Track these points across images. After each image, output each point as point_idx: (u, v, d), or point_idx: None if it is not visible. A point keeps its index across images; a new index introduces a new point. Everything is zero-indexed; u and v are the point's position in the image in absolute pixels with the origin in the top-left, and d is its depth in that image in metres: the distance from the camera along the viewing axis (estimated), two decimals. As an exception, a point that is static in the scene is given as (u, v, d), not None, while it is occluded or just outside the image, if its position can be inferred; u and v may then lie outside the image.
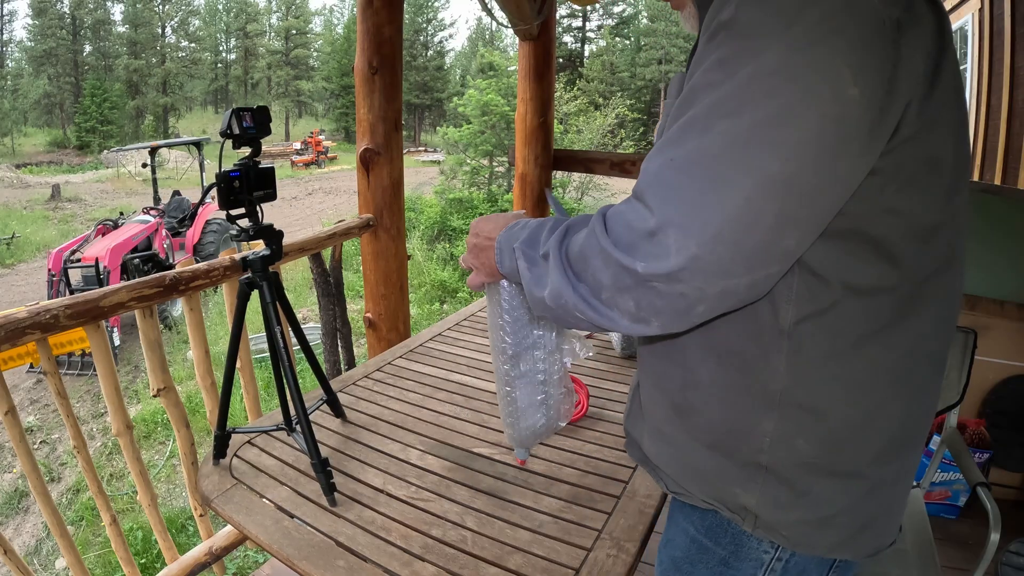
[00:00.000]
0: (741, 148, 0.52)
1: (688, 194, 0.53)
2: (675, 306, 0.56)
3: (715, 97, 0.54)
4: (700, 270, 0.53)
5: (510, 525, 1.02)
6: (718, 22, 0.55)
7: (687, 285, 0.54)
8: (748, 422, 0.67)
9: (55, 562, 3.83)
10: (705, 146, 0.53)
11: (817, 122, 0.51)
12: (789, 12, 0.52)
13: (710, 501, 0.73)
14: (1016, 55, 3.03)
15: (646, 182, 0.57)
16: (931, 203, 0.60)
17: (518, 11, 2.66)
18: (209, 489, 1.14)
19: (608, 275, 0.58)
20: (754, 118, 0.52)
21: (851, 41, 0.51)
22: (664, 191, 0.55)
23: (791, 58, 0.51)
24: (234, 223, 1.11)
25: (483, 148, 11.56)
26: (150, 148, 8.91)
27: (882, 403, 0.65)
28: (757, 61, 0.52)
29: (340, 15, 44.75)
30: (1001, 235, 2.08)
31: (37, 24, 31.53)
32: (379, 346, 2.39)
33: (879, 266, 0.61)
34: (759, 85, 0.52)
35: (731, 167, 0.52)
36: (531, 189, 3.09)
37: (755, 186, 0.52)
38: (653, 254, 0.54)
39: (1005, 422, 2.17)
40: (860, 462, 0.66)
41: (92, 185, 19.05)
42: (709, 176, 0.53)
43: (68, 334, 4.45)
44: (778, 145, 0.51)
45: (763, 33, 0.52)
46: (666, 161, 0.55)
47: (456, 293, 9.19)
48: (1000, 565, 1.72)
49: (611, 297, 0.58)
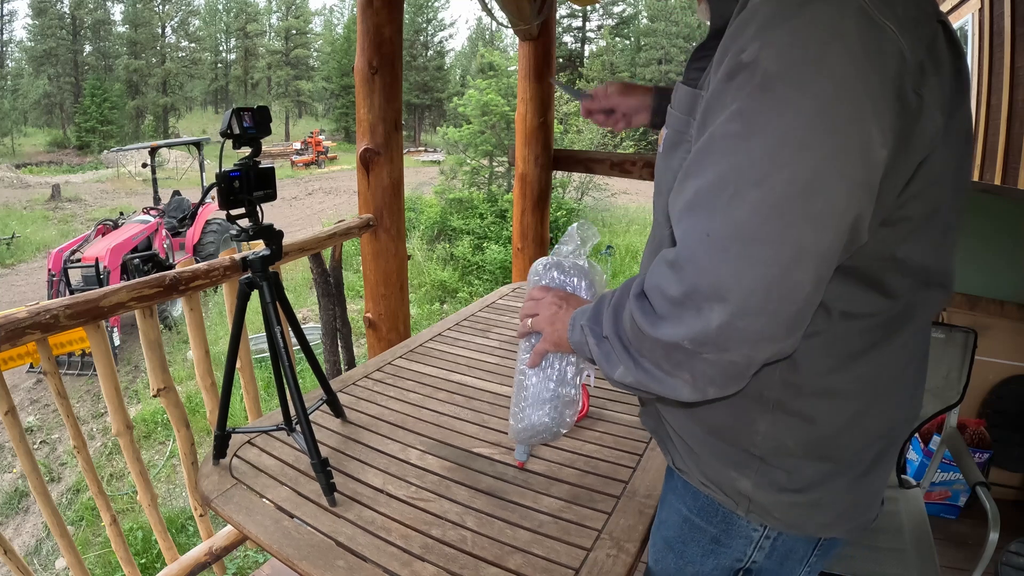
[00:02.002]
0: (776, 220, 0.51)
1: (726, 266, 0.53)
2: (728, 373, 0.57)
3: (742, 158, 0.52)
4: (747, 340, 0.54)
5: (510, 525, 1.02)
6: (739, 61, 0.52)
7: (735, 353, 0.55)
8: (744, 420, 0.70)
9: (55, 562, 3.83)
10: (739, 219, 0.52)
11: (848, 189, 0.51)
12: (815, 60, 0.49)
13: (707, 484, 0.76)
14: (1016, 55, 3.03)
15: (682, 253, 0.56)
16: (928, 248, 0.62)
17: (518, 11, 2.66)
18: (209, 489, 1.14)
19: (659, 353, 0.59)
20: (787, 187, 0.50)
21: (879, 95, 0.49)
22: (703, 265, 0.54)
23: (820, 119, 0.49)
24: (234, 223, 1.11)
25: (483, 148, 11.55)
26: (150, 148, 8.91)
27: (868, 409, 0.68)
28: (784, 120, 0.50)
29: (340, 15, 44.74)
30: (1001, 235, 2.08)
31: (37, 24, 31.52)
32: (379, 346, 2.39)
33: (875, 298, 0.63)
34: (789, 150, 0.50)
35: (767, 241, 0.51)
36: (531, 189, 3.09)
37: (792, 258, 0.51)
38: (695, 325, 0.55)
39: (1005, 422, 2.17)
40: (845, 455, 0.70)
41: (92, 185, 19.04)
42: (746, 251, 0.52)
43: (68, 334, 4.46)
44: (812, 216, 0.51)
45: (789, 89, 0.49)
46: (700, 232, 0.54)
47: (456, 293, 9.19)
48: (1000, 565, 1.72)
49: (670, 370, 0.60)
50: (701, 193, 0.55)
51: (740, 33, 0.53)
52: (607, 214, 13.20)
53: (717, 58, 0.57)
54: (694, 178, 0.56)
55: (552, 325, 0.85)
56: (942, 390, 1.62)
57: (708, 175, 0.54)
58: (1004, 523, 1.34)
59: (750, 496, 0.72)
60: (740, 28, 0.53)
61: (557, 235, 10.46)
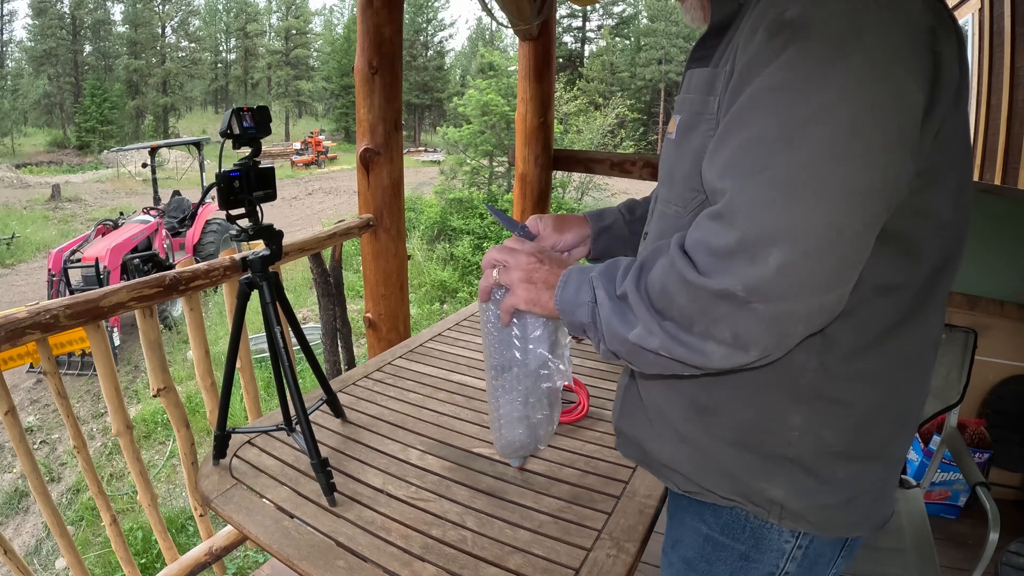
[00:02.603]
0: (828, 160, 0.52)
1: (781, 209, 0.52)
2: (775, 329, 0.55)
3: (792, 105, 0.53)
4: (798, 284, 0.53)
5: (510, 525, 1.02)
6: (781, 20, 0.55)
7: (785, 302, 0.54)
8: (776, 417, 0.68)
9: (55, 562, 3.84)
10: (793, 160, 0.52)
11: (895, 130, 0.52)
12: (856, 14, 0.52)
13: (732, 497, 0.73)
14: (1016, 55, 3.03)
15: (736, 202, 0.55)
16: (948, 201, 0.63)
17: (518, 11, 2.66)
18: (209, 489, 1.14)
19: (698, 307, 0.57)
20: (835, 128, 0.51)
21: (911, 45, 0.53)
22: (756, 208, 0.54)
23: (864, 65, 0.51)
24: (234, 223, 1.11)
25: (483, 148, 11.56)
26: (150, 148, 8.91)
27: (897, 390, 0.68)
28: (832, 68, 0.52)
29: (340, 15, 44.75)
30: (1001, 235, 2.08)
31: (37, 24, 31.53)
32: (379, 346, 2.39)
33: (904, 264, 0.63)
34: (835, 93, 0.52)
35: (820, 181, 0.52)
36: (531, 189, 3.09)
37: (844, 197, 0.52)
38: (750, 272, 0.53)
39: (1005, 422, 2.17)
40: (878, 445, 0.69)
41: (92, 185, 19.05)
42: (800, 190, 0.52)
43: (68, 334, 4.46)
44: (859, 156, 0.52)
45: (834, 37, 0.52)
46: (752, 178, 0.54)
47: (456, 293, 9.19)
48: (1000, 565, 1.72)
49: (705, 329, 0.57)
50: (750, 143, 0.55)
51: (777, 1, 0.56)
52: (607, 214, 13.19)
53: (750, 27, 0.59)
54: (737, 133, 0.56)
55: (529, 281, 0.76)
56: (942, 390, 1.62)
57: (755, 126, 0.55)
58: (1004, 523, 1.34)
59: (782, 503, 0.70)
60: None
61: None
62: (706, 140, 0.64)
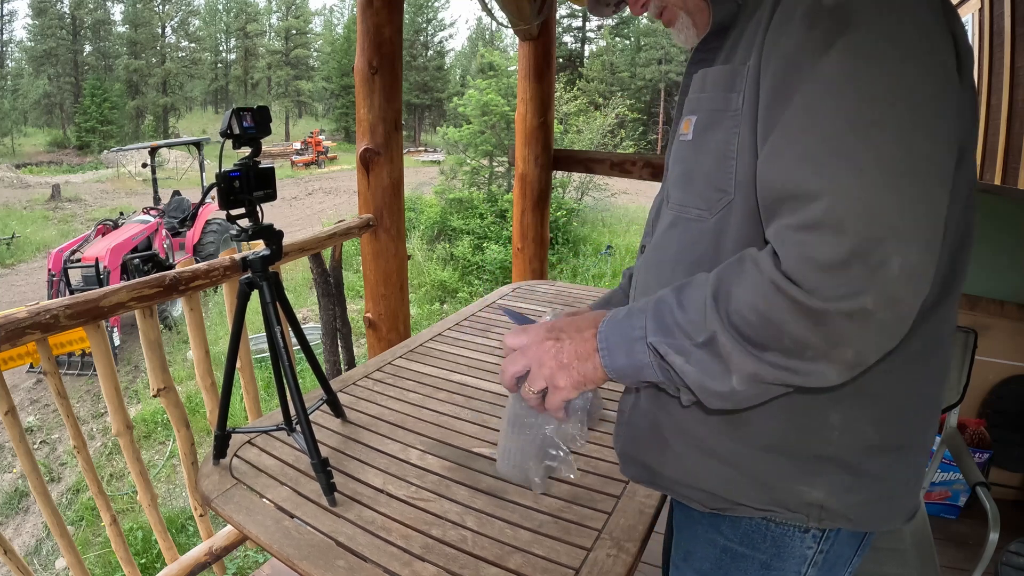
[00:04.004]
0: (919, 144, 0.50)
1: (891, 204, 0.49)
2: (896, 336, 0.53)
3: (866, 92, 0.51)
4: (919, 282, 0.50)
5: (510, 525, 1.02)
6: (820, 8, 0.54)
7: (908, 304, 0.50)
8: (816, 418, 0.65)
9: (55, 562, 3.84)
10: (887, 150, 0.50)
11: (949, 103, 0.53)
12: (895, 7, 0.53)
13: (767, 508, 0.70)
14: (1016, 55, 3.03)
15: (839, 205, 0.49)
16: (966, 179, 0.62)
17: (518, 11, 2.66)
18: (209, 489, 1.14)
19: (820, 333, 0.51)
20: (915, 111, 0.51)
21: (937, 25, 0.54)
22: (864, 208, 0.49)
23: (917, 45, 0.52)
24: (234, 223, 1.11)
25: (483, 148, 11.55)
26: (150, 148, 8.92)
27: (923, 377, 0.67)
28: (891, 50, 0.52)
29: (340, 15, 44.74)
30: (1001, 235, 2.08)
31: (37, 24, 31.53)
32: (379, 346, 2.39)
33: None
34: (904, 75, 0.51)
35: (918, 167, 0.50)
36: (531, 189, 3.10)
37: (937, 180, 0.51)
38: (875, 281, 0.49)
39: (1005, 422, 2.17)
40: (909, 434, 0.69)
41: (92, 185, 19.05)
42: (903, 181, 0.49)
43: (68, 334, 4.46)
44: (938, 136, 0.51)
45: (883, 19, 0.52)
46: (851, 175, 0.50)
47: (456, 293, 9.19)
48: (1000, 565, 1.72)
49: (824, 352, 0.52)
50: (828, 141, 0.51)
51: None
52: (607, 214, 13.20)
53: (779, 19, 0.57)
54: (811, 129, 0.52)
55: (562, 366, 0.66)
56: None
57: (829, 122, 0.51)
58: (1004, 523, 1.34)
59: (823, 504, 0.68)
60: None
61: (557, 235, 10.49)
62: (731, 137, 0.63)
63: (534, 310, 2.08)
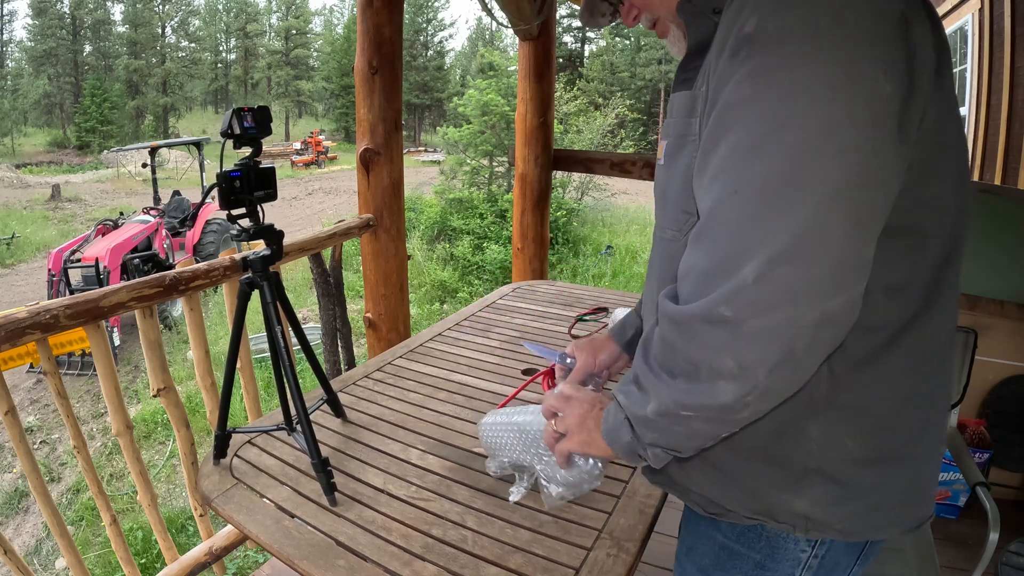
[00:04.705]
0: (799, 166, 0.51)
1: (756, 220, 0.52)
2: (776, 345, 0.53)
3: (758, 116, 0.53)
4: (786, 292, 0.51)
5: (510, 525, 1.02)
6: (741, 36, 0.55)
7: (777, 313, 0.52)
8: (794, 430, 0.67)
9: (55, 562, 3.84)
10: (763, 170, 0.52)
11: (866, 125, 0.52)
12: (813, 18, 0.52)
13: (755, 516, 0.72)
14: (1016, 55, 3.03)
15: (710, 223, 0.55)
16: (945, 188, 0.62)
17: (518, 11, 2.66)
18: (209, 489, 1.14)
19: (695, 344, 0.55)
20: (804, 133, 0.51)
21: (875, 39, 0.52)
22: (732, 224, 0.53)
23: (826, 66, 0.51)
24: (235, 223, 1.11)
25: (483, 148, 11.55)
26: (150, 148, 8.92)
27: (916, 388, 0.67)
28: (794, 73, 0.52)
29: (340, 15, 44.75)
30: (1001, 235, 2.08)
31: (37, 24, 31.54)
32: (379, 346, 2.39)
33: (911, 260, 0.62)
34: (801, 98, 0.52)
35: (794, 187, 0.51)
36: (531, 189, 3.10)
37: (821, 201, 0.51)
38: (730, 287, 0.52)
39: (1005, 422, 2.17)
40: (901, 446, 0.68)
41: (92, 185, 19.05)
42: (775, 199, 0.52)
43: (68, 334, 4.45)
44: (833, 156, 0.51)
45: (793, 43, 0.52)
46: (726, 195, 0.54)
47: (456, 293, 9.19)
48: (1000, 565, 1.72)
49: (710, 367, 0.55)
50: (721, 161, 0.55)
51: (737, 15, 0.56)
52: (607, 214, 13.20)
53: (716, 47, 0.59)
54: (713, 152, 0.57)
55: (583, 425, 0.77)
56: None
57: (726, 143, 0.55)
58: (1004, 523, 1.34)
59: (808, 515, 0.69)
60: (736, 12, 0.56)
61: (557, 235, 10.49)
62: (692, 161, 0.65)
63: (534, 310, 2.08)
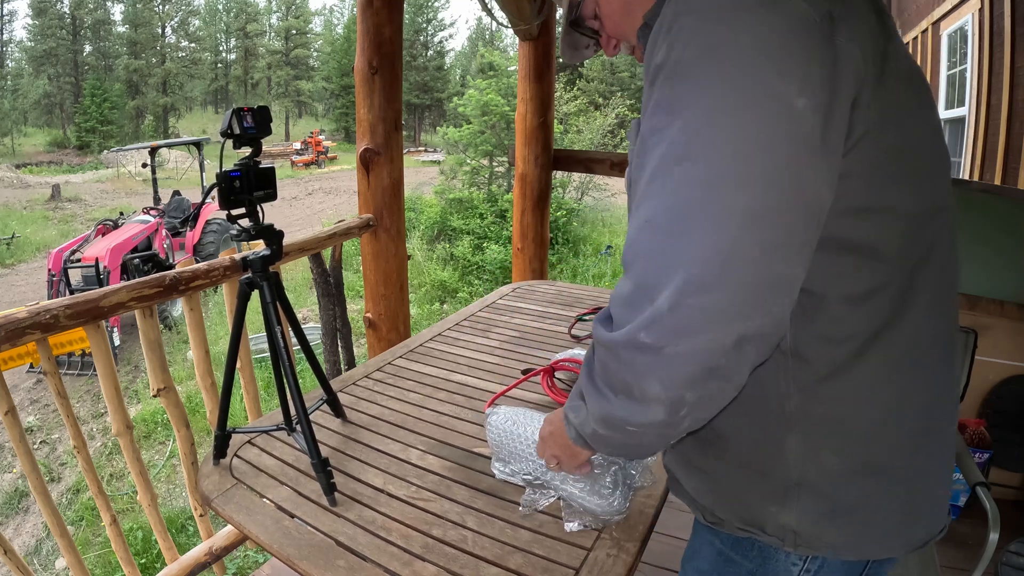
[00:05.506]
0: (707, 191, 0.52)
1: (664, 249, 0.53)
2: (699, 369, 0.53)
3: (667, 145, 0.54)
4: (704, 319, 0.52)
5: (510, 525, 1.02)
6: (654, 66, 0.56)
7: (698, 338, 0.52)
8: (773, 442, 0.67)
9: (55, 562, 3.84)
10: (670, 200, 0.53)
11: (774, 145, 0.51)
12: (720, 43, 0.52)
13: (747, 528, 0.72)
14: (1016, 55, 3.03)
15: (627, 252, 0.57)
16: (904, 192, 0.60)
17: (518, 11, 2.66)
18: (209, 489, 1.14)
19: (626, 368, 0.57)
20: (711, 158, 0.51)
21: (786, 54, 0.52)
22: (645, 254, 0.55)
23: (732, 90, 0.51)
24: (235, 223, 1.11)
25: (483, 148, 11.55)
26: (150, 148, 8.92)
27: (898, 397, 0.64)
28: (700, 100, 0.52)
29: (340, 15, 44.76)
30: (1001, 235, 2.08)
31: (37, 24, 31.53)
32: (379, 346, 2.39)
33: (870, 269, 0.60)
34: (707, 124, 0.52)
35: (701, 215, 0.52)
36: (531, 189, 3.09)
37: (728, 228, 0.51)
38: (650, 315, 0.53)
39: (1005, 422, 2.17)
40: (889, 458, 0.66)
41: (92, 185, 19.05)
42: (681, 229, 0.52)
43: (68, 334, 4.45)
44: (742, 180, 0.51)
45: (699, 69, 0.52)
46: (641, 224, 0.55)
47: (456, 293, 9.18)
48: (1000, 565, 1.72)
49: (640, 390, 0.57)
50: (642, 188, 0.56)
51: (654, 43, 0.57)
52: (607, 214, 13.19)
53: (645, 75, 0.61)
54: (637, 182, 0.58)
55: (564, 448, 0.83)
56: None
57: (643, 172, 0.56)
58: (1004, 523, 1.34)
59: (796, 529, 0.68)
60: (653, 40, 0.58)
61: (557, 235, 10.48)
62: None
63: (534, 310, 2.08)
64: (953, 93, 4.61)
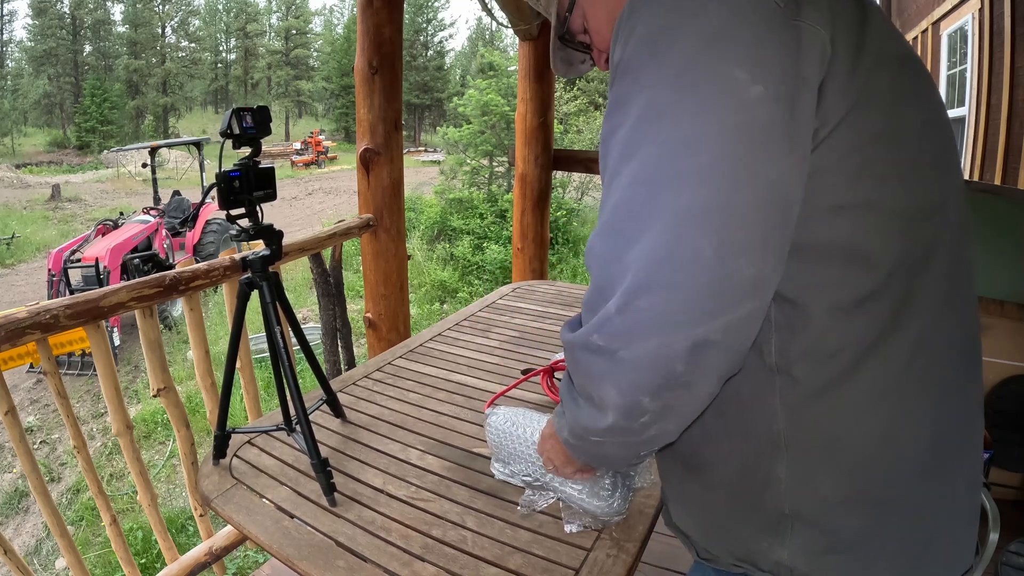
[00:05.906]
0: (650, 189, 0.50)
1: (620, 251, 0.52)
2: (653, 373, 0.51)
3: (619, 143, 0.53)
4: (655, 321, 0.50)
5: (510, 525, 1.02)
6: (612, 64, 0.55)
7: (646, 342, 0.50)
8: (761, 469, 0.61)
9: (55, 562, 3.83)
10: (621, 198, 0.53)
11: (723, 138, 0.48)
12: (669, 33, 0.50)
13: (739, 563, 0.67)
14: (1016, 55, 3.03)
15: (587, 254, 0.56)
16: (890, 188, 0.54)
17: (518, 11, 2.66)
18: (209, 489, 1.14)
19: (584, 372, 0.57)
20: (653, 155, 0.50)
21: (741, 40, 0.49)
22: (599, 255, 0.54)
23: (679, 81, 0.50)
24: (234, 223, 1.11)
25: (483, 148, 11.55)
26: (150, 148, 8.92)
27: (900, 418, 0.58)
28: (647, 94, 0.51)
29: (340, 15, 44.77)
30: (1001, 235, 2.08)
31: (37, 24, 31.54)
32: (379, 346, 2.39)
33: (854, 274, 0.55)
34: (653, 119, 0.50)
35: (647, 216, 0.50)
36: (531, 189, 3.09)
37: (676, 228, 0.49)
38: (601, 321, 0.52)
39: (1005, 422, 2.17)
40: (890, 486, 0.59)
41: (92, 185, 19.05)
42: (629, 230, 0.51)
43: (68, 334, 4.45)
44: (690, 175, 0.48)
45: (648, 64, 0.51)
46: (599, 226, 0.55)
47: (456, 293, 9.18)
48: (1000, 565, 1.72)
49: (598, 396, 0.56)
50: (603, 191, 0.56)
51: (614, 44, 0.57)
52: (607, 214, 13.18)
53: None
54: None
55: (560, 456, 0.84)
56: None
57: (605, 172, 0.56)
58: (1004, 523, 1.34)
59: (792, 566, 0.62)
60: (613, 41, 0.57)
61: (557, 235, 10.48)
62: None
63: (534, 310, 2.08)
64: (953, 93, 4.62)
